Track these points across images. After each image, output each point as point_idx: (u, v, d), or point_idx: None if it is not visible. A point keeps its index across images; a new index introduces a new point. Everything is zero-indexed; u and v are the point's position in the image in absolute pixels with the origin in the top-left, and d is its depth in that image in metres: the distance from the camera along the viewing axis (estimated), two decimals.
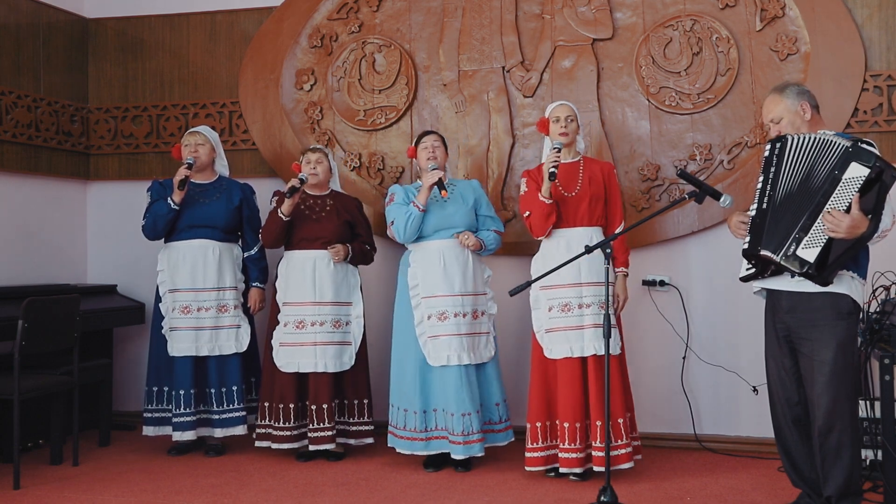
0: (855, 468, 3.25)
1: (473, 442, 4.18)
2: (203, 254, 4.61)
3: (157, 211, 4.59)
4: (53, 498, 3.90)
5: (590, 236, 4.11)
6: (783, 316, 3.35)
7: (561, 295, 4.10)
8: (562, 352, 4.06)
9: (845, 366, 3.21)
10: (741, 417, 4.65)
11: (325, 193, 4.65)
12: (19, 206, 5.15)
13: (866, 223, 3.08)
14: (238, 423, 4.62)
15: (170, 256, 4.64)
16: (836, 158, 3.14)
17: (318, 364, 4.44)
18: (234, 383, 4.62)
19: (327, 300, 4.48)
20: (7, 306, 4.47)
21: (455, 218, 4.33)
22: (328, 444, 4.44)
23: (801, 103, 3.34)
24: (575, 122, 4.20)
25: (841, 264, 3.15)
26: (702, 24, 4.71)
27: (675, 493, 3.91)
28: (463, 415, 4.18)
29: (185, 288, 4.59)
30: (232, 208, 4.69)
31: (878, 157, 3.09)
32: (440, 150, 4.40)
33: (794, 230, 3.16)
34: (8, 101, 5.00)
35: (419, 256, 4.35)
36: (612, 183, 4.22)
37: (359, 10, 5.21)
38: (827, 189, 3.12)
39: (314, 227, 4.52)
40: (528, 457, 4.11)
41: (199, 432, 4.59)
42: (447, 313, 4.25)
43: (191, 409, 4.54)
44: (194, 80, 5.47)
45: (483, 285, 4.39)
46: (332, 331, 4.47)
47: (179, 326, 4.57)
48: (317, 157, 4.58)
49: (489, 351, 4.34)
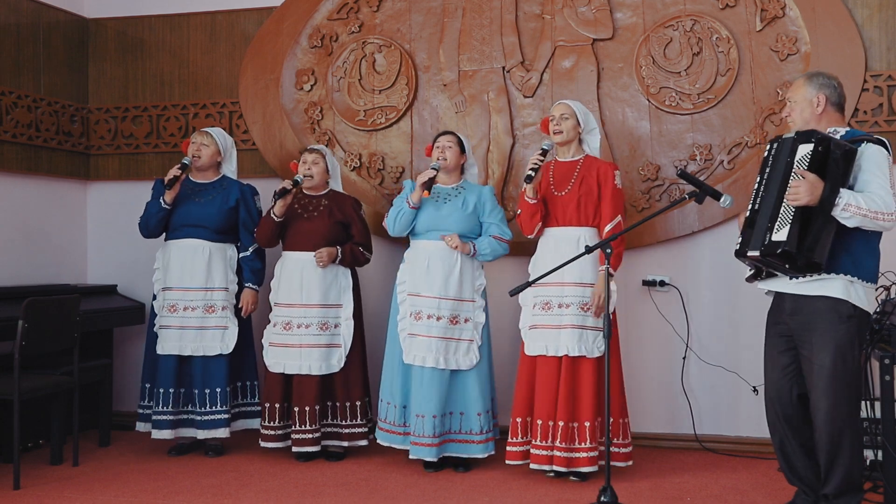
0: (855, 469, 3.26)
1: (422, 445, 4.18)
2: (193, 253, 4.60)
3: (150, 209, 4.62)
4: (53, 498, 3.90)
5: (578, 237, 4.10)
6: (786, 318, 3.37)
7: (544, 293, 4.10)
8: (538, 349, 4.09)
9: (844, 369, 3.22)
10: (741, 417, 4.65)
11: (321, 193, 4.64)
12: (19, 206, 5.15)
13: (821, 184, 3.12)
14: (220, 426, 4.57)
15: (164, 255, 4.66)
16: (788, 147, 3.25)
17: (303, 366, 4.44)
18: (219, 385, 4.58)
19: (314, 302, 4.47)
20: (7, 306, 4.47)
21: (449, 220, 4.30)
22: (310, 446, 4.43)
23: (818, 94, 3.36)
24: (571, 119, 4.17)
25: (823, 242, 3.15)
26: (702, 24, 4.71)
27: (674, 493, 3.91)
28: (417, 416, 4.20)
29: (175, 286, 4.60)
30: (226, 209, 4.66)
31: (821, 134, 3.19)
32: (451, 151, 4.36)
33: (767, 221, 3.22)
34: (8, 101, 5.00)
35: (411, 254, 4.38)
36: (606, 184, 4.12)
37: (359, 10, 5.21)
38: (785, 174, 3.21)
39: (306, 226, 4.51)
40: (508, 451, 4.15)
41: (180, 432, 4.58)
42: (422, 314, 4.26)
43: (169, 407, 4.53)
44: (194, 80, 5.47)
45: (472, 292, 4.32)
46: (318, 333, 4.46)
47: (167, 325, 4.58)
48: (313, 158, 4.57)
49: (469, 360, 4.26)
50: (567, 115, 4.17)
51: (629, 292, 4.79)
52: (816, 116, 3.37)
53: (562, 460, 4.01)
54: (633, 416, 4.75)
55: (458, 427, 4.27)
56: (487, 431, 4.28)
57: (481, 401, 4.27)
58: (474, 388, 4.27)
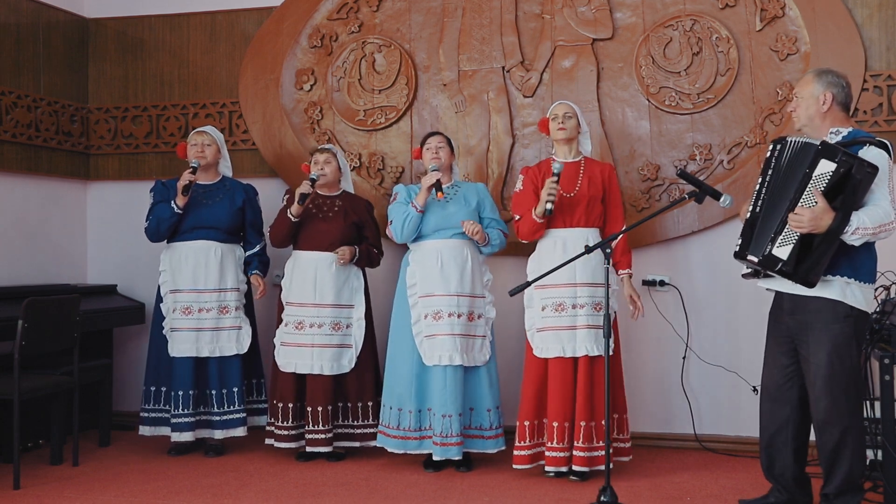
0: (856, 469, 3.26)
1: (450, 444, 4.18)
2: (205, 255, 4.60)
3: (160, 214, 4.58)
4: (53, 498, 3.90)
5: (586, 238, 4.11)
6: (785, 317, 3.37)
7: (555, 295, 4.10)
8: (554, 351, 4.07)
9: (842, 369, 3.22)
10: (741, 417, 4.65)
11: (335, 194, 4.64)
12: (19, 206, 5.15)
13: (831, 215, 3.09)
14: (238, 425, 4.61)
15: (172, 257, 4.64)
16: (809, 158, 3.17)
17: (314, 366, 4.43)
18: (235, 385, 4.61)
19: (327, 302, 4.47)
20: (7, 306, 4.47)
21: (455, 218, 4.32)
22: (324, 446, 4.43)
23: (825, 92, 3.33)
24: (574, 119, 4.20)
25: (822, 263, 3.15)
26: (702, 24, 4.71)
27: (675, 493, 3.91)
28: (443, 416, 4.18)
29: (187, 289, 4.59)
30: (235, 209, 4.68)
31: (847, 153, 3.11)
32: (444, 151, 4.39)
33: (772, 231, 3.20)
34: (8, 101, 5.00)
35: (418, 256, 4.36)
36: (612, 185, 4.22)
37: (359, 10, 5.21)
38: (799, 187, 3.16)
39: (322, 226, 4.52)
40: (516, 455, 4.13)
41: (198, 433, 4.59)
42: (442, 313, 4.24)
43: (189, 409, 4.53)
44: (194, 80, 5.47)
45: (482, 288, 4.36)
46: (330, 333, 4.46)
47: (180, 327, 4.56)
48: (325, 157, 4.57)
49: (483, 355, 4.30)
50: (570, 114, 4.21)
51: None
52: (821, 114, 3.35)
53: (583, 460, 4.00)
54: (633, 416, 4.76)
55: (470, 423, 4.29)
56: (497, 427, 4.31)
57: (491, 397, 4.30)
58: (485, 384, 4.29)
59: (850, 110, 3.42)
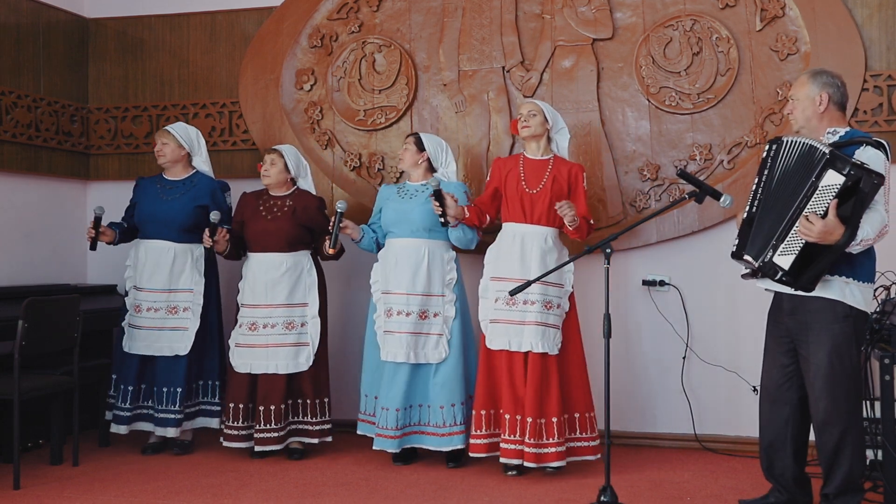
0: (856, 469, 3.26)
1: (385, 437, 4.28)
2: (158, 255, 4.64)
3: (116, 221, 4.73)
4: (53, 498, 3.90)
5: (545, 236, 4.16)
6: (785, 317, 3.37)
7: (509, 288, 4.07)
8: (500, 343, 4.13)
9: (842, 369, 3.22)
10: (741, 417, 4.64)
11: (285, 193, 4.64)
12: (19, 206, 5.15)
13: (841, 230, 3.09)
14: (171, 425, 4.59)
15: (135, 253, 4.72)
16: (816, 165, 3.15)
17: (269, 366, 4.46)
18: (177, 384, 4.59)
19: (279, 302, 4.49)
20: (7, 306, 4.47)
21: (412, 214, 4.37)
22: (273, 445, 4.45)
23: (821, 93, 3.33)
24: (539, 116, 4.23)
25: (823, 273, 3.16)
26: (702, 24, 4.71)
27: (674, 493, 3.91)
28: (383, 409, 4.30)
29: (142, 287, 4.66)
30: (192, 207, 4.64)
31: (855, 165, 3.08)
32: (407, 152, 4.49)
33: (773, 237, 3.20)
34: (8, 101, 5.00)
35: (383, 252, 4.48)
36: (577, 184, 4.23)
37: (359, 10, 5.21)
38: (805, 195, 3.15)
39: (269, 226, 4.52)
40: (472, 443, 4.18)
41: (135, 426, 4.64)
42: (393, 310, 4.33)
43: (127, 404, 4.60)
44: (194, 80, 5.47)
45: (442, 287, 4.36)
46: (284, 332, 4.48)
47: (134, 324, 4.65)
48: (271, 159, 4.60)
49: (438, 353, 4.32)
50: (534, 111, 4.25)
51: (629, 292, 4.80)
52: (818, 115, 3.35)
53: (532, 456, 4.04)
54: (634, 416, 4.77)
55: (419, 419, 4.34)
56: (453, 425, 4.30)
57: (446, 394, 4.31)
58: (439, 382, 4.32)
59: (846, 110, 3.42)
